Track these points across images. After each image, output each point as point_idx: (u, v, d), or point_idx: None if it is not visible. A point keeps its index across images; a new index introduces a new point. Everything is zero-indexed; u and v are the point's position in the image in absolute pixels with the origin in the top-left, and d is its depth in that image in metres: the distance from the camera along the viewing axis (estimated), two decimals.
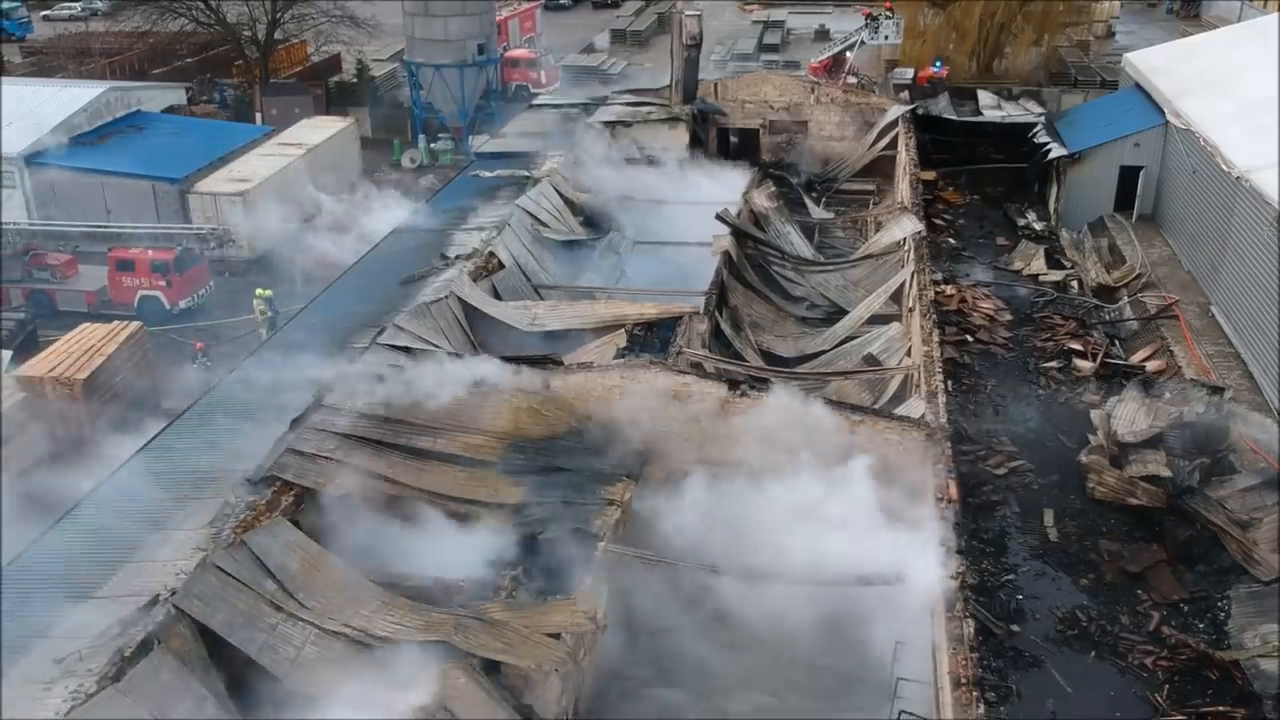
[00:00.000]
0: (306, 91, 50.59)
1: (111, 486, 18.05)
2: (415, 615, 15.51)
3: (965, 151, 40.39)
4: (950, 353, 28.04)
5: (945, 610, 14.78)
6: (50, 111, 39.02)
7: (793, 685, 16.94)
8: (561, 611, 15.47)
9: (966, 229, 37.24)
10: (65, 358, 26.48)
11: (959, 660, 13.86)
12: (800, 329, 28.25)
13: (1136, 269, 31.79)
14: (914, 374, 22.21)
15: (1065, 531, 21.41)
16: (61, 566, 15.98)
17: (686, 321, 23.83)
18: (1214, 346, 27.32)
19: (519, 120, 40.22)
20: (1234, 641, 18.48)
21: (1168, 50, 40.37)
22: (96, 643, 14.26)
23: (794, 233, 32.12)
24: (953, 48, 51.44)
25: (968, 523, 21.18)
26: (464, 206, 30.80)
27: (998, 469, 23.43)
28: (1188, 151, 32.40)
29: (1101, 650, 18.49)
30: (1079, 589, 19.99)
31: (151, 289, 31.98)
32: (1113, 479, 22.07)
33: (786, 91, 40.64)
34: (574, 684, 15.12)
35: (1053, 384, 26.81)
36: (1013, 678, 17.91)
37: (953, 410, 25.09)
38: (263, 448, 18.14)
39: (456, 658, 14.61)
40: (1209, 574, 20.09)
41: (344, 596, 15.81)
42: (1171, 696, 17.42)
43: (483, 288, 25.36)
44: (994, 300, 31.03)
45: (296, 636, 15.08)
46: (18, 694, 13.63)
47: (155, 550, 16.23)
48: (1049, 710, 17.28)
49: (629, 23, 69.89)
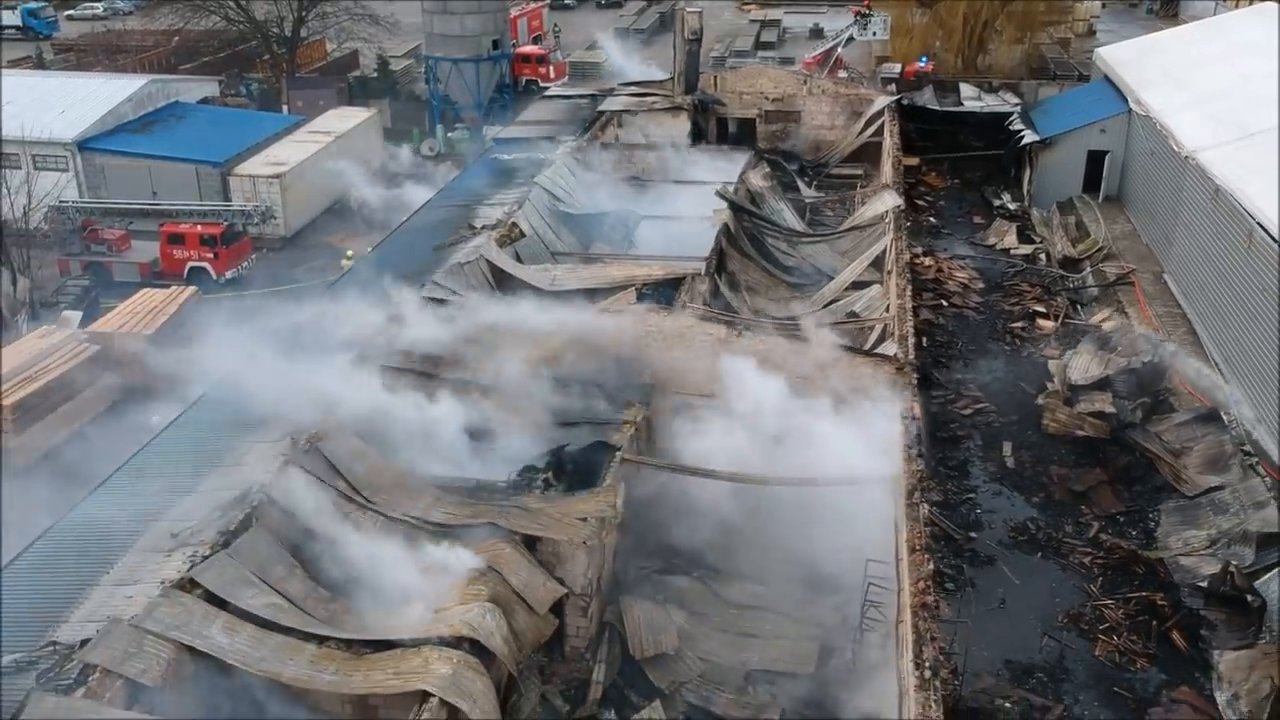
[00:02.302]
0: (330, 85, 53.64)
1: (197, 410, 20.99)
2: (464, 506, 18.53)
3: (947, 139, 43.47)
4: (927, 315, 31.23)
5: (905, 498, 17.76)
6: (98, 101, 42.04)
7: (781, 574, 19.86)
8: (586, 501, 18.49)
9: (947, 209, 40.32)
10: (131, 317, 29.56)
11: (915, 533, 16.86)
12: (791, 294, 31.23)
13: (1099, 242, 34.83)
14: (890, 324, 25.18)
15: (1021, 460, 24.47)
16: (166, 467, 18.93)
17: (689, 282, 26.84)
18: (1164, 308, 30.39)
19: (533, 109, 43.31)
20: (1160, 544, 21.51)
21: (1135, 45, 43.42)
22: (203, 523, 17.25)
23: (787, 209, 35.19)
24: (939, 44, 54.40)
25: (936, 452, 24.40)
26: (487, 185, 33.82)
27: (964, 410, 26.52)
28: (1147, 136, 35.45)
29: (1047, 552, 21.54)
30: (1030, 505, 23.05)
31: (200, 260, 34.99)
32: (1064, 415, 25.13)
33: (781, 84, 43.70)
34: (597, 561, 18.09)
35: (1018, 341, 29.90)
36: (969, 573, 20.97)
37: (926, 362, 28.37)
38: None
39: (501, 535, 17.63)
40: (1144, 492, 23.13)
41: (403, 492, 18.81)
42: (1103, 586, 20.45)
43: (507, 253, 28.37)
44: (968, 270, 34.12)
45: (367, 522, 18.09)
46: (142, 560, 16.62)
47: (243, 457, 19.21)
48: (999, 598, 20.29)
49: (632, 21, 72.93)
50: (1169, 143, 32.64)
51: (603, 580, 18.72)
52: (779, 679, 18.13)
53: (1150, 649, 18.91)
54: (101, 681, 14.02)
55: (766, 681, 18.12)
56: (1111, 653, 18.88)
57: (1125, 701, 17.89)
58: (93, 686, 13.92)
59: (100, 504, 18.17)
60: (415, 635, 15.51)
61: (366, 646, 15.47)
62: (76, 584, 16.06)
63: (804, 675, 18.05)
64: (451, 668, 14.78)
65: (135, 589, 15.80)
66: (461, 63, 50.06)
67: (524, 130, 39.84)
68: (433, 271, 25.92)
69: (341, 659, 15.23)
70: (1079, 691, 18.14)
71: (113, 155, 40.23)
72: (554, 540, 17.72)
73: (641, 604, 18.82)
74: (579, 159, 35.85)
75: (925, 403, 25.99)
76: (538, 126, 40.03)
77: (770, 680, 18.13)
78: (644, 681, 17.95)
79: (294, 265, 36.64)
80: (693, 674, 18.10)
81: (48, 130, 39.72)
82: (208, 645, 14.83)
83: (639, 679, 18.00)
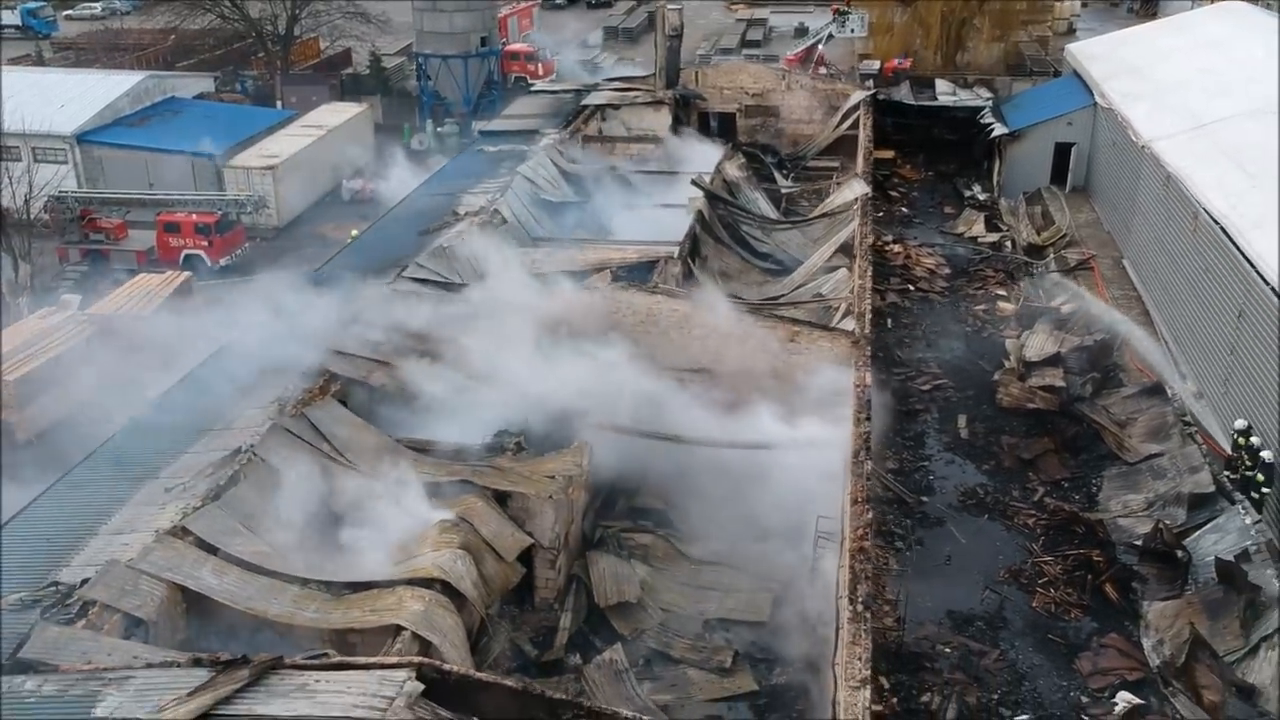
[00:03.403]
0: (323, 82, 54.91)
1: (191, 380, 22.26)
2: (440, 467, 19.79)
3: (921, 133, 44.70)
4: (894, 299, 32.52)
5: (852, 457, 19.01)
6: (96, 96, 43.31)
7: (740, 532, 21.09)
8: (555, 461, 19.77)
9: (919, 200, 41.58)
10: (128, 300, 30.79)
11: (857, 487, 18.11)
12: (764, 279, 32.52)
13: (1063, 230, 36.12)
14: (851, 302, 26.43)
15: (975, 431, 25.71)
16: (161, 428, 20.19)
17: (662, 264, 28.16)
18: (1120, 291, 31.68)
19: (518, 104, 44.60)
20: (1101, 507, 22.77)
21: (1103, 41, 44.75)
22: (196, 479, 18.50)
23: (761, 198, 36.48)
24: (919, 42, 55.73)
25: (895, 425, 25.65)
26: (471, 174, 35.08)
27: (924, 386, 27.75)
28: (1110, 128, 36.73)
29: (993, 514, 22.76)
30: (981, 472, 24.28)
31: (195, 248, 36.22)
32: (1017, 389, 26.38)
33: (760, 79, 45.00)
34: (565, 517, 19.33)
35: (979, 323, 31.13)
36: (919, 533, 22.19)
37: (890, 342, 29.67)
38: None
39: (474, 491, 18.88)
40: (1089, 460, 24.36)
41: (383, 455, 20.04)
42: (1044, 545, 21.68)
43: (488, 238, 29.59)
44: (936, 257, 35.38)
45: (349, 480, 19.32)
46: (139, 512, 17.88)
47: (234, 421, 20.47)
48: (945, 555, 21.55)
49: (621, 20, 74.24)
50: (1129, 133, 33.92)
51: (570, 536, 19.96)
52: (734, 627, 19.39)
53: (1084, 601, 20.10)
54: (100, 615, 15.25)
55: (723, 629, 19.37)
56: (1048, 604, 20.08)
57: (1057, 647, 19.08)
58: (92, 619, 15.15)
59: (95, 465, 19.47)
60: (390, 577, 16.76)
61: (345, 588, 16.73)
62: (76, 534, 17.32)
63: (758, 623, 19.31)
64: (423, 605, 16.03)
65: (131, 537, 17.05)
66: (450, 59, 51.35)
67: (509, 124, 41.13)
68: (416, 254, 27.21)
69: (322, 599, 16.49)
70: (1015, 639, 19.34)
71: (110, 148, 41.49)
72: (523, 496, 18.98)
73: (606, 558, 20.07)
74: (561, 150, 37.13)
75: (887, 378, 27.47)
76: (522, 120, 41.34)
77: (726, 628, 19.38)
78: (608, 629, 19.20)
79: (286, 253, 37.82)
80: (653, 622, 19.35)
81: (48, 124, 40.96)
82: (198, 585, 16.07)
83: (603, 626, 19.25)
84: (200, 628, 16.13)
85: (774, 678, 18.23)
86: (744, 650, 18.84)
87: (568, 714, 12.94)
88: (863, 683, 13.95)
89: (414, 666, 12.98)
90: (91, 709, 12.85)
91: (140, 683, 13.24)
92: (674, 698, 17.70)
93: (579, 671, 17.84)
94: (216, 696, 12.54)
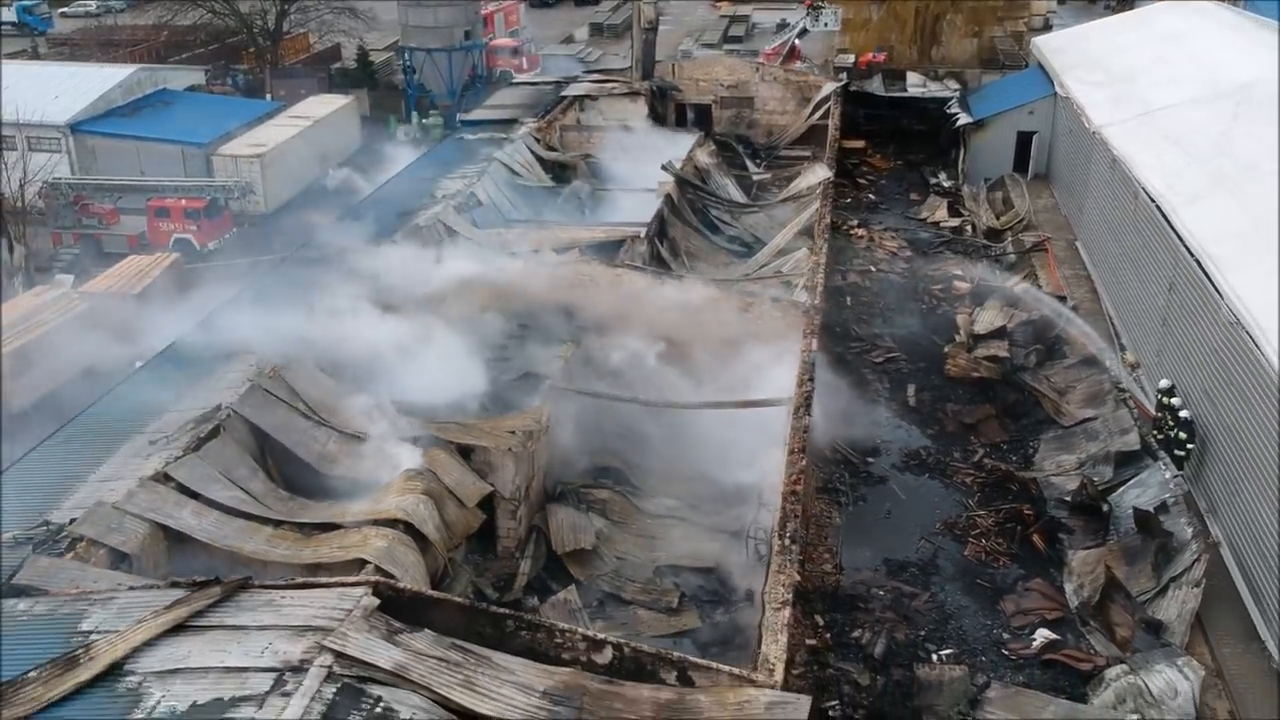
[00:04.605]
0: (312, 76, 56.25)
1: (174, 349, 23.54)
2: (407, 422, 21.07)
3: (891, 123, 46.13)
4: (854, 279, 33.88)
5: (793, 413, 20.35)
6: (89, 88, 44.61)
7: (694, 490, 22.43)
8: (516, 418, 21.09)
9: (887, 187, 42.99)
10: (118, 279, 32.08)
11: (796, 440, 19.44)
12: (730, 259, 33.87)
13: (1021, 215, 37.48)
14: (808, 277, 27.77)
15: (922, 399, 27.07)
16: (147, 391, 21.48)
17: (629, 244, 29.51)
18: (1071, 271, 33.00)
19: (499, 94, 45.96)
20: (1036, 466, 24.12)
21: (1067, 34, 46.20)
22: (178, 433, 19.79)
23: (731, 184, 37.86)
24: (894, 37, 57.10)
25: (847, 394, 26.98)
26: (450, 161, 36.40)
27: (877, 358, 29.10)
28: (1068, 116, 38.08)
29: (934, 474, 24.13)
30: (925, 436, 25.65)
31: (184, 232, 37.54)
32: (964, 360, 27.76)
33: (735, 72, 46.41)
34: (525, 470, 20.65)
35: (935, 301, 32.47)
36: (863, 489, 23.54)
37: (848, 319, 31.01)
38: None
39: (438, 444, 20.20)
40: (1028, 425, 25.74)
41: (354, 412, 21.34)
42: (979, 500, 23.04)
43: (463, 219, 30.94)
44: (898, 240, 36.75)
45: (322, 436, 20.65)
46: (125, 463, 19.16)
47: (216, 382, 21.74)
48: (885, 509, 22.90)
49: (606, 17, 75.64)
50: (1082, 120, 35.27)
51: (532, 490, 21.28)
52: (683, 573, 20.71)
53: (1013, 550, 21.45)
54: (88, 549, 16.55)
55: (673, 575, 20.69)
56: (978, 553, 21.44)
57: (984, 591, 20.42)
58: (80, 553, 16.45)
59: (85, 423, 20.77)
60: (357, 519, 18.08)
61: (315, 528, 18.05)
62: (65, 482, 18.62)
63: (705, 569, 20.63)
64: (387, 542, 17.36)
65: (118, 484, 18.32)
66: (435, 53, 52.71)
67: (490, 113, 42.47)
68: (395, 233, 28.54)
69: (294, 538, 17.82)
70: (945, 583, 20.68)
71: (103, 137, 42.80)
72: (485, 449, 20.29)
73: (565, 509, 21.40)
74: (539, 138, 38.48)
75: (843, 351, 28.85)
76: (503, 110, 42.67)
77: (676, 574, 20.70)
78: (565, 575, 20.51)
79: (271, 238, 39.08)
80: (608, 569, 20.68)
81: (42, 114, 42.24)
82: (179, 524, 17.38)
83: (561, 573, 20.56)
84: (180, 565, 17.39)
85: (716, 616, 19.55)
86: (691, 593, 20.17)
87: (510, 626, 14.25)
88: (784, 604, 15.27)
89: (370, 585, 14.30)
90: (78, 624, 14.14)
91: (123, 602, 14.53)
92: (624, 634, 18.97)
93: (535, 611, 19.13)
94: (191, 609, 13.83)
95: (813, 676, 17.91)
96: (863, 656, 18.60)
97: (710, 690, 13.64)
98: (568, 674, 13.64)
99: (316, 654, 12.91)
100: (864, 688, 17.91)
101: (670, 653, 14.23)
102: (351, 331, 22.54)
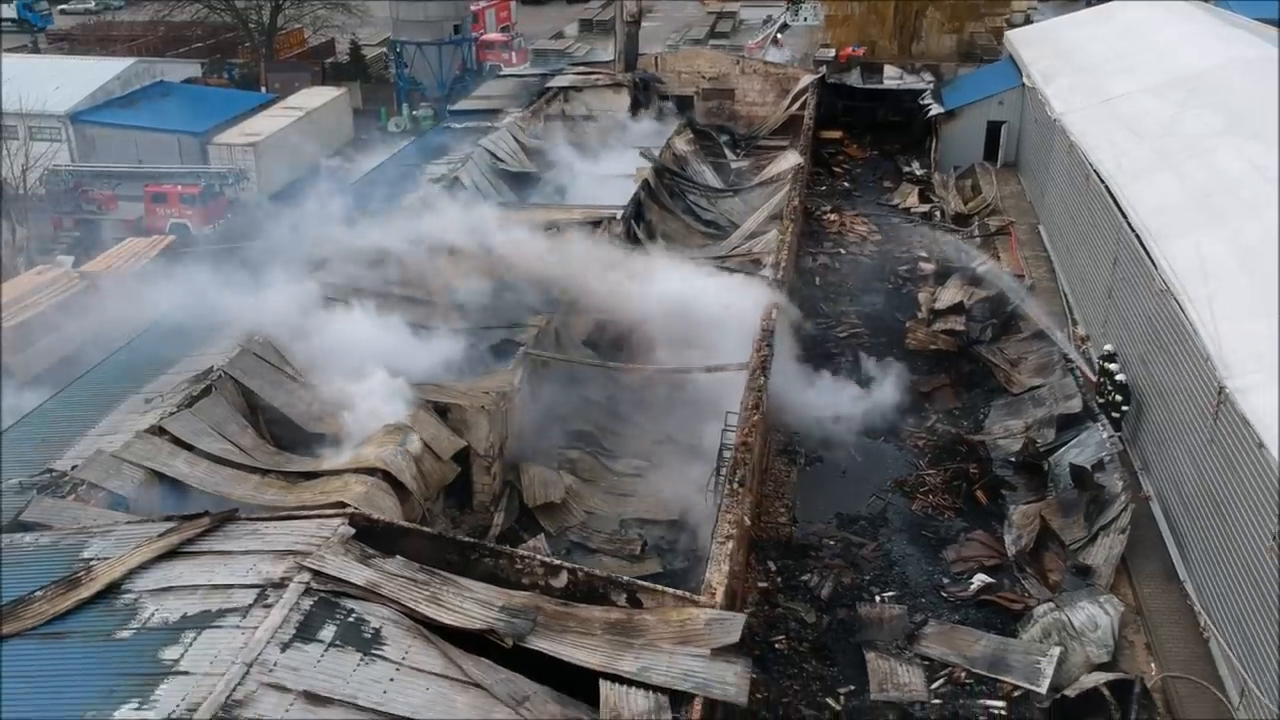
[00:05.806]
0: (306, 69, 57.62)
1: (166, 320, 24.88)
2: (386, 383, 22.39)
3: (867, 114, 47.51)
4: (824, 260, 35.26)
5: (750, 375, 21.70)
6: (89, 79, 45.98)
7: (660, 449, 23.76)
8: (490, 380, 22.44)
9: (862, 176, 44.36)
10: (116, 260, 33.44)
11: (751, 399, 20.79)
12: (705, 241, 35.21)
13: (987, 200, 38.87)
14: (774, 255, 29.13)
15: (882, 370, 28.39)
16: (144, 357, 22.83)
17: (605, 224, 30.84)
18: (1032, 252, 34.40)
19: (486, 86, 47.35)
20: (985, 430, 25.49)
21: (1038, 28, 47.59)
22: (173, 392, 21.14)
23: (708, 170, 39.21)
24: (876, 32, 58.56)
25: (812, 366, 28.28)
26: (438, 148, 37.78)
27: (842, 334, 30.46)
28: (1033, 106, 39.45)
29: (888, 438, 25.47)
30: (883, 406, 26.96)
31: (180, 217, 38.89)
32: (923, 333, 29.14)
33: (717, 64, 47.81)
34: (499, 428, 21.99)
35: (901, 280, 33.84)
36: (820, 452, 24.87)
37: (817, 297, 32.35)
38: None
39: (417, 403, 21.55)
40: (980, 394, 27.09)
41: (339, 376, 22.68)
42: (930, 461, 24.40)
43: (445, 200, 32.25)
44: (868, 224, 38.13)
45: (307, 396, 22.00)
46: (122, 418, 20.50)
47: (207, 348, 23.09)
48: (840, 469, 24.25)
49: (596, 13, 76.97)
50: (1045, 109, 36.64)
51: (505, 448, 22.61)
52: (648, 525, 22.06)
53: (958, 505, 22.82)
54: (88, 492, 17.90)
55: (638, 527, 22.04)
56: (925, 508, 22.81)
57: (929, 541, 21.78)
58: (80, 495, 17.81)
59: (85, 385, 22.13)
60: (339, 468, 19.43)
61: (300, 476, 19.39)
62: (67, 435, 19.98)
63: (669, 521, 21.97)
64: (366, 487, 18.69)
65: (116, 437, 19.67)
66: (425, 46, 54.11)
67: (477, 103, 43.90)
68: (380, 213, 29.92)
69: (279, 485, 19.15)
70: (892, 535, 22.03)
71: (102, 126, 44.16)
72: (460, 408, 21.64)
73: (536, 467, 22.73)
74: (523, 127, 39.84)
75: (811, 327, 30.19)
76: (490, 100, 44.07)
77: (641, 526, 22.05)
78: (536, 528, 21.82)
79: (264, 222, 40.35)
80: (576, 521, 22.01)
81: (43, 104, 43.57)
82: (172, 471, 18.72)
83: (533, 525, 21.88)
84: (173, 508, 18.68)
85: (677, 564, 20.89)
86: (654, 543, 21.51)
87: (474, 554, 15.60)
88: (728, 538, 16.63)
89: (347, 516, 15.65)
90: (80, 552, 15.47)
91: (120, 534, 15.86)
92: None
93: None
94: (182, 537, 15.18)
95: (762, 615, 19.27)
96: (811, 598, 19.95)
97: (657, 610, 14.99)
98: (526, 596, 15.00)
99: (296, 572, 14.25)
100: (810, 624, 19.27)
101: (620, 576, 15.56)
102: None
